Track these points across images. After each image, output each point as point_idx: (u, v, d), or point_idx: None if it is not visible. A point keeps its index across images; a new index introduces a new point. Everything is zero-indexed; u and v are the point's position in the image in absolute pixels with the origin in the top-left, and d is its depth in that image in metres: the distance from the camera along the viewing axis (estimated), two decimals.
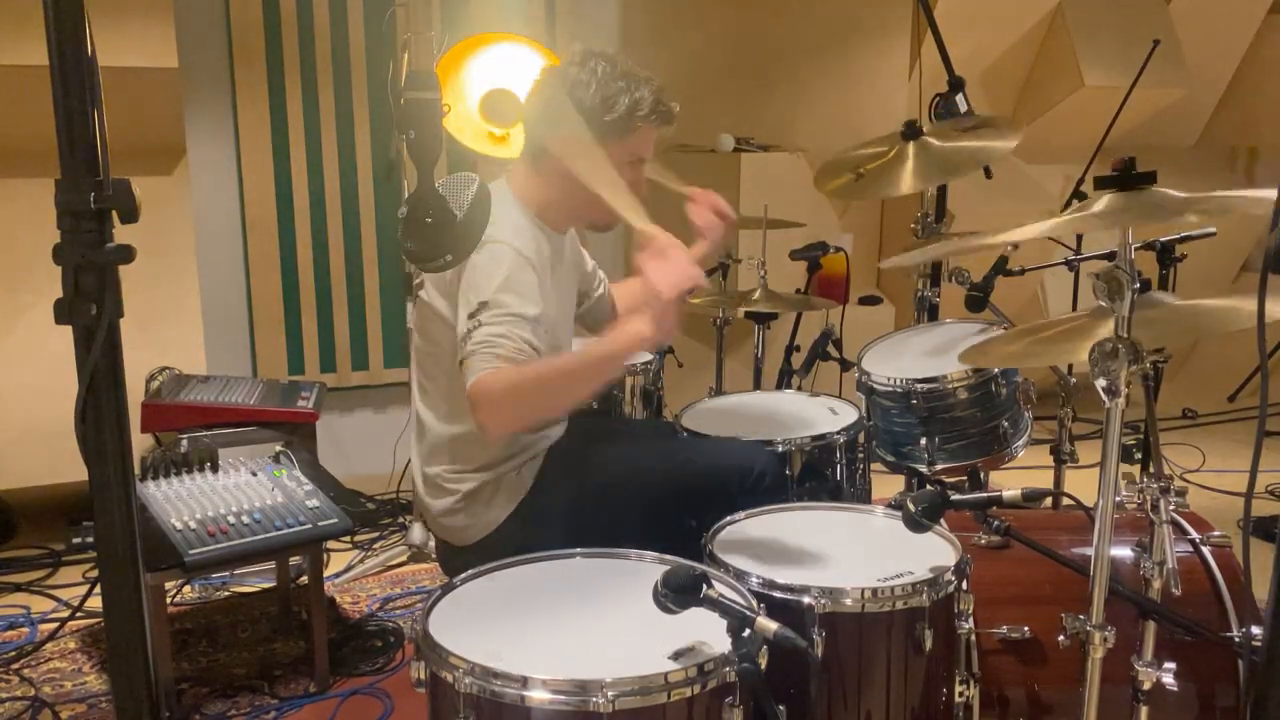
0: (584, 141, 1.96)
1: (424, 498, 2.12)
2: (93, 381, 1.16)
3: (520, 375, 1.83)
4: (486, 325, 1.84)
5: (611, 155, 2.00)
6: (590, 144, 1.96)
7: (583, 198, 1.98)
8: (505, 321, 1.85)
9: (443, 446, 2.07)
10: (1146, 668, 1.55)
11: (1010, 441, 2.52)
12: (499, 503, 2.05)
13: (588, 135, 1.97)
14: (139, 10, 3.09)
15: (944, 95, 2.94)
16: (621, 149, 2.02)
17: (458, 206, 1.43)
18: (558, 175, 2.01)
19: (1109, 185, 1.47)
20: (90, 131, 1.13)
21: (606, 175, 1.90)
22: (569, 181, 1.98)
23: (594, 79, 1.98)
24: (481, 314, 1.85)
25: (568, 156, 1.95)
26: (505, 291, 1.87)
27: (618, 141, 2.01)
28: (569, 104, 1.98)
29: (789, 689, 1.55)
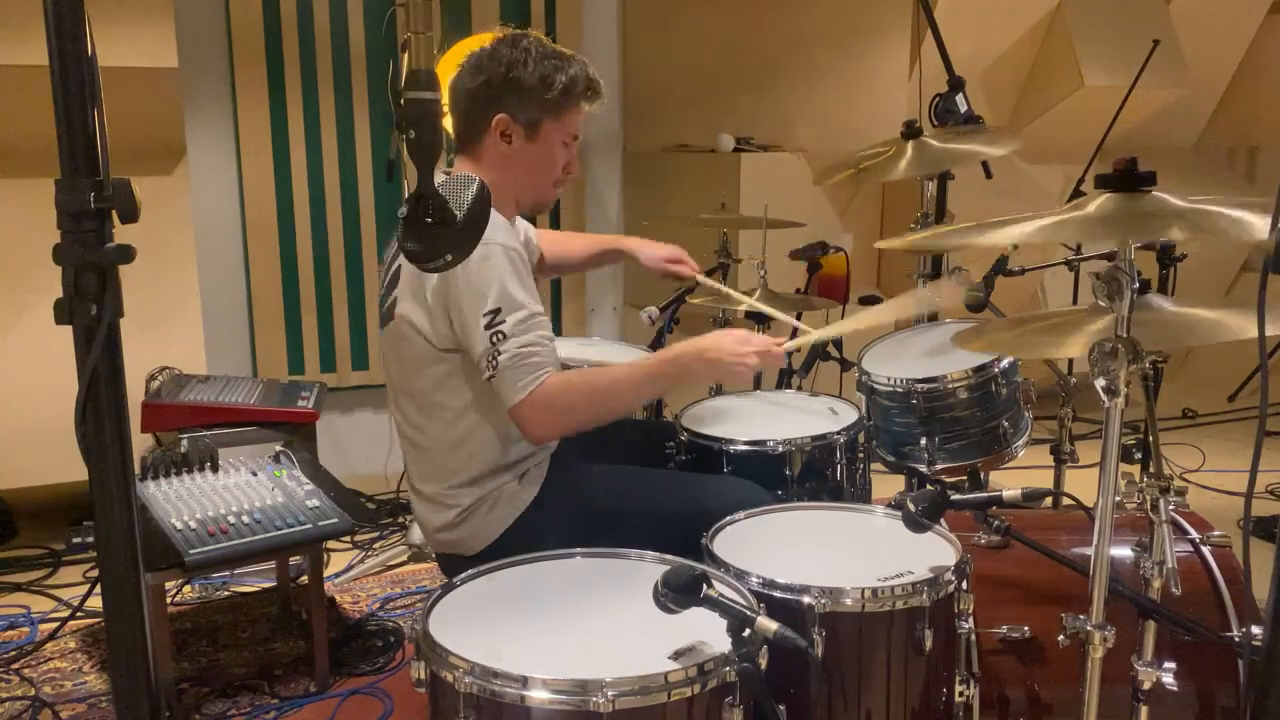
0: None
1: (422, 515, 2.10)
2: (93, 381, 1.16)
3: (573, 384, 1.93)
4: (514, 336, 1.87)
5: (549, 133, 2.03)
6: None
7: (528, 176, 2.04)
8: (530, 327, 1.89)
9: (437, 461, 2.04)
10: (1146, 668, 1.55)
11: (1010, 441, 2.52)
12: (498, 516, 2.03)
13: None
14: (139, 10, 3.09)
15: (944, 95, 2.94)
16: (558, 126, 2.04)
17: (458, 206, 1.43)
18: (502, 156, 2.02)
19: (1109, 184, 1.46)
20: (90, 131, 1.13)
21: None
22: (514, 159, 2.02)
23: (529, 57, 1.99)
24: (501, 324, 1.86)
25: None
26: (512, 292, 1.89)
27: (555, 118, 2.03)
28: (508, 84, 1.99)
29: (789, 689, 1.55)
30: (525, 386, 1.87)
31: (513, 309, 1.88)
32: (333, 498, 2.49)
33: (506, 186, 2.03)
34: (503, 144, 2.02)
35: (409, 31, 1.33)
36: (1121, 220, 1.42)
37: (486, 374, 1.89)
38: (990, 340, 1.90)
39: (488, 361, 1.88)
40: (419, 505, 2.11)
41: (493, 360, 1.87)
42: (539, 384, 1.88)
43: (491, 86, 2.01)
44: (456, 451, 2.02)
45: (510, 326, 1.87)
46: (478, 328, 1.87)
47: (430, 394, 2.01)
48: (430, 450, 2.05)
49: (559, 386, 1.91)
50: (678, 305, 3.11)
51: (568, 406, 1.92)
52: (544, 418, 1.90)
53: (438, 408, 2.01)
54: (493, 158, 2.04)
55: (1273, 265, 1.05)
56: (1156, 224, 1.42)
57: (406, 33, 1.37)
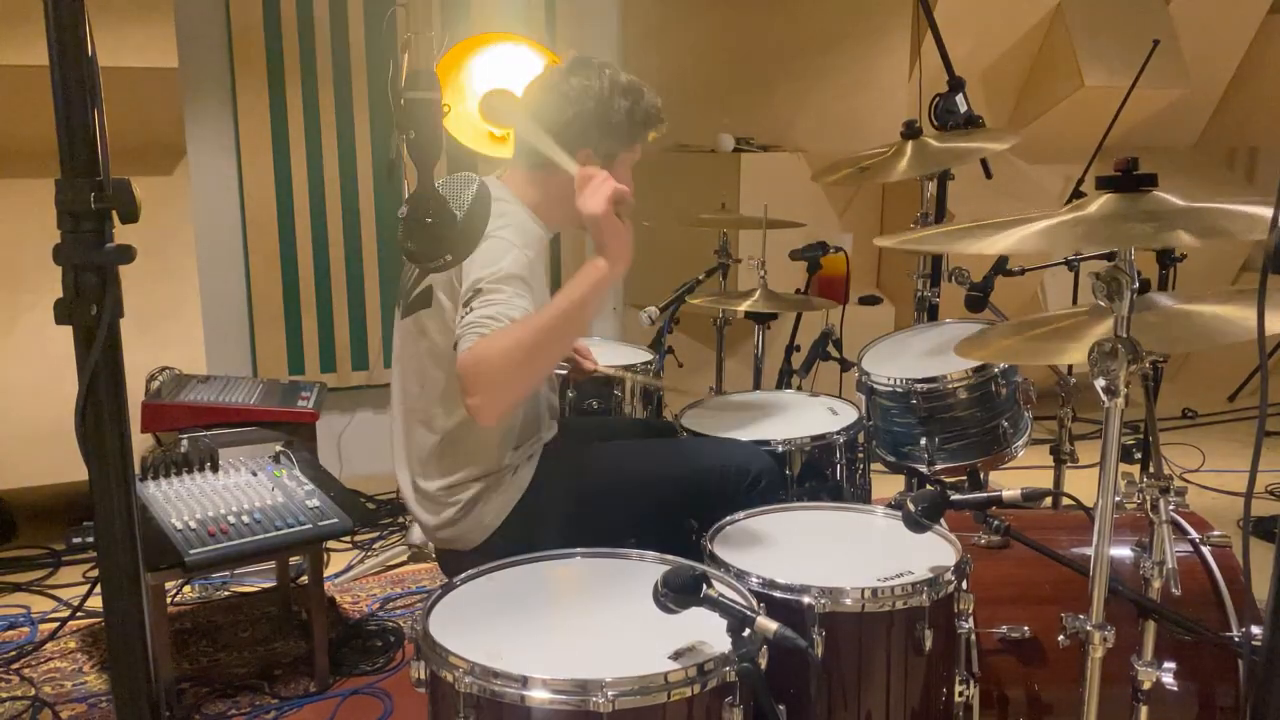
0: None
1: (420, 513, 2.10)
2: (93, 381, 1.16)
3: (500, 341, 1.76)
4: (478, 309, 1.79)
5: (623, 161, 2.06)
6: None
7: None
8: (496, 303, 1.80)
9: (438, 453, 2.04)
10: (1146, 668, 1.55)
11: (1010, 441, 2.52)
12: (495, 507, 2.04)
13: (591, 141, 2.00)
14: (139, 10, 3.09)
15: (944, 95, 2.94)
16: (631, 155, 2.08)
17: (458, 206, 1.43)
18: (570, 185, 1.95)
19: (1109, 185, 1.46)
20: (90, 131, 1.13)
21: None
22: (569, 183, 1.98)
23: (614, 90, 2.01)
24: (475, 300, 1.81)
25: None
26: (500, 282, 1.85)
27: (629, 149, 2.06)
28: (598, 119, 2.01)
29: (789, 689, 1.55)
30: (460, 350, 1.75)
31: (493, 292, 1.80)
32: (333, 498, 2.48)
33: (565, 207, 1.96)
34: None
35: (409, 31, 1.33)
36: (1121, 220, 1.42)
37: (455, 340, 1.80)
38: (994, 350, 1.90)
39: (458, 328, 1.79)
40: (418, 505, 2.10)
41: (459, 329, 1.78)
42: (468, 348, 1.74)
43: (583, 118, 2.01)
44: (466, 444, 2.02)
45: (480, 301, 1.78)
46: (462, 299, 1.82)
47: (448, 382, 1.99)
48: (440, 442, 2.04)
49: (487, 342, 1.74)
50: (678, 305, 3.11)
51: (500, 364, 1.74)
52: (473, 382, 1.73)
53: (456, 398, 1.99)
54: (565, 185, 1.94)
55: (1273, 265, 1.05)
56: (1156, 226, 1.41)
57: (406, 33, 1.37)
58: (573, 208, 2.00)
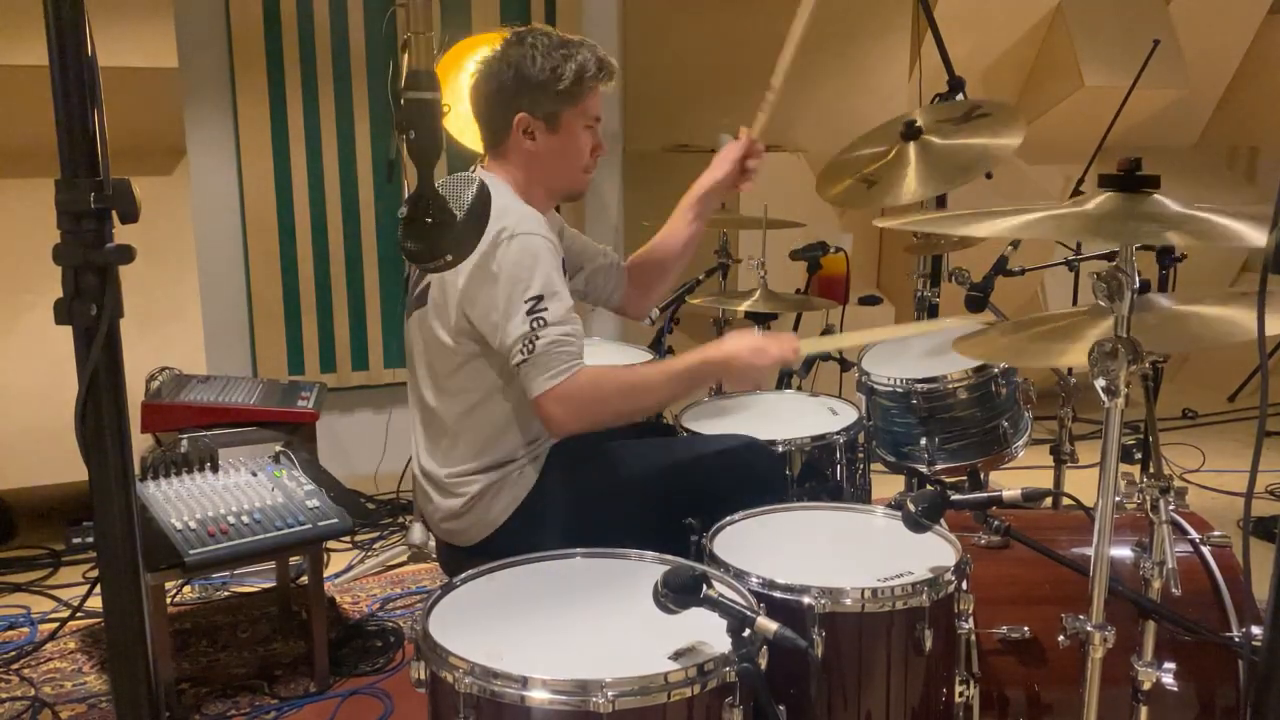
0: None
1: (430, 499, 2.11)
2: (93, 381, 1.16)
3: (604, 380, 1.95)
4: (553, 325, 1.89)
5: (573, 121, 2.06)
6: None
7: (557, 168, 2.08)
8: (569, 319, 1.92)
9: (445, 441, 2.06)
10: (1146, 668, 1.55)
11: (1010, 441, 2.52)
12: (502, 503, 2.05)
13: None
14: (139, 10, 3.09)
15: (944, 95, 2.95)
16: (577, 113, 2.07)
17: (458, 206, 1.43)
18: (529, 154, 2.06)
19: (1112, 184, 1.46)
20: (90, 131, 1.13)
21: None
22: (541, 155, 2.05)
23: (536, 52, 2.02)
24: (544, 310, 1.89)
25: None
26: (551, 281, 1.92)
27: (573, 106, 2.06)
28: (520, 82, 2.02)
29: (789, 689, 1.55)
30: (556, 375, 1.89)
31: (554, 298, 1.91)
32: (333, 498, 2.49)
33: (538, 181, 2.09)
34: (527, 141, 2.05)
35: (409, 31, 1.33)
36: (1120, 219, 1.42)
37: (518, 358, 1.89)
38: (992, 348, 1.90)
39: (524, 345, 1.88)
40: (428, 490, 2.11)
41: (529, 345, 1.88)
42: (570, 375, 1.90)
43: (505, 88, 2.04)
44: (474, 435, 2.03)
45: (553, 314, 1.89)
46: (518, 314, 1.88)
47: (454, 376, 2.02)
48: (448, 432, 2.05)
49: (591, 380, 1.93)
50: (678, 305, 3.11)
51: (594, 400, 1.94)
52: (571, 409, 1.91)
53: (461, 391, 2.03)
54: (520, 156, 2.07)
55: (1273, 266, 1.04)
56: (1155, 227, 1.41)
57: (406, 33, 1.37)
58: (542, 175, 2.09)
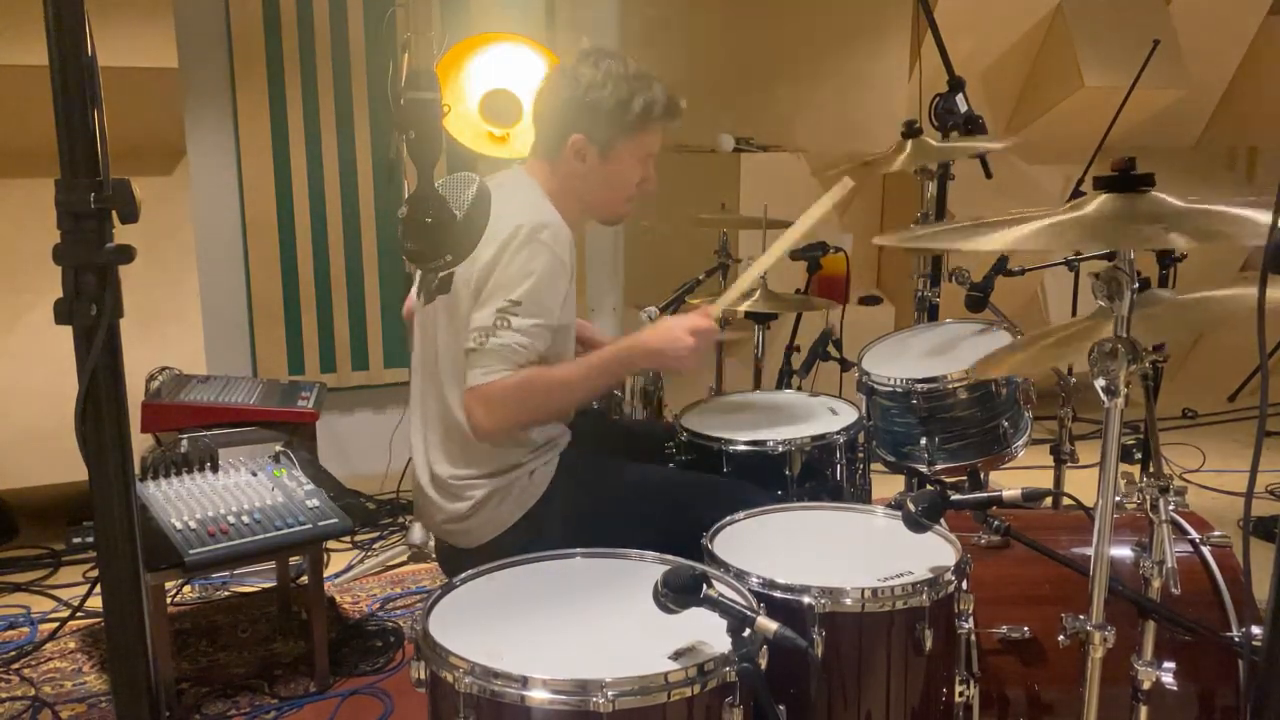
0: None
1: (434, 500, 2.09)
2: (93, 381, 1.16)
3: (524, 382, 1.91)
4: (515, 330, 1.89)
5: (627, 153, 2.08)
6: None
7: (600, 193, 2.11)
8: (531, 332, 1.91)
9: (451, 443, 2.05)
10: (1146, 668, 1.55)
11: (1010, 441, 2.52)
12: (508, 508, 2.04)
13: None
14: (139, 10, 3.09)
15: (944, 95, 2.94)
16: (637, 147, 2.09)
17: (458, 206, 1.43)
18: (577, 174, 2.08)
19: (1107, 185, 1.46)
20: (90, 131, 1.13)
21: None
22: (587, 177, 2.08)
23: (609, 79, 2.04)
24: (512, 314, 1.89)
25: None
26: (537, 295, 1.91)
27: (632, 140, 2.08)
28: (586, 106, 2.04)
29: (789, 689, 1.55)
30: (489, 373, 1.88)
31: (531, 313, 1.91)
32: (333, 498, 2.49)
33: (576, 199, 2.11)
34: (577, 162, 2.08)
35: (409, 31, 1.33)
36: (1120, 221, 1.42)
37: (470, 344, 1.90)
38: (1011, 363, 1.92)
39: (479, 335, 1.89)
40: (431, 491, 2.09)
41: (483, 337, 1.89)
42: (498, 377, 1.88)
43: (570, 107, 2.05)
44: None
45: (519, 323, 1.89)
46: (491, 306, 1.90)
47: (457, 373, 2.01)
48: (458, 431, 2.03)
49: (516, 383, 1.91)
50: (678, 305, 3.11)
51: (518, 403, 1.92)
52: (492, 409, 1.90)
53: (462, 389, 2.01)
54: (567, 172, 2.09)
55: (1272, 265, 1.04)
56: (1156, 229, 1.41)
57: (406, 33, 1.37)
58: (582, 194, 2.12)
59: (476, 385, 1.89)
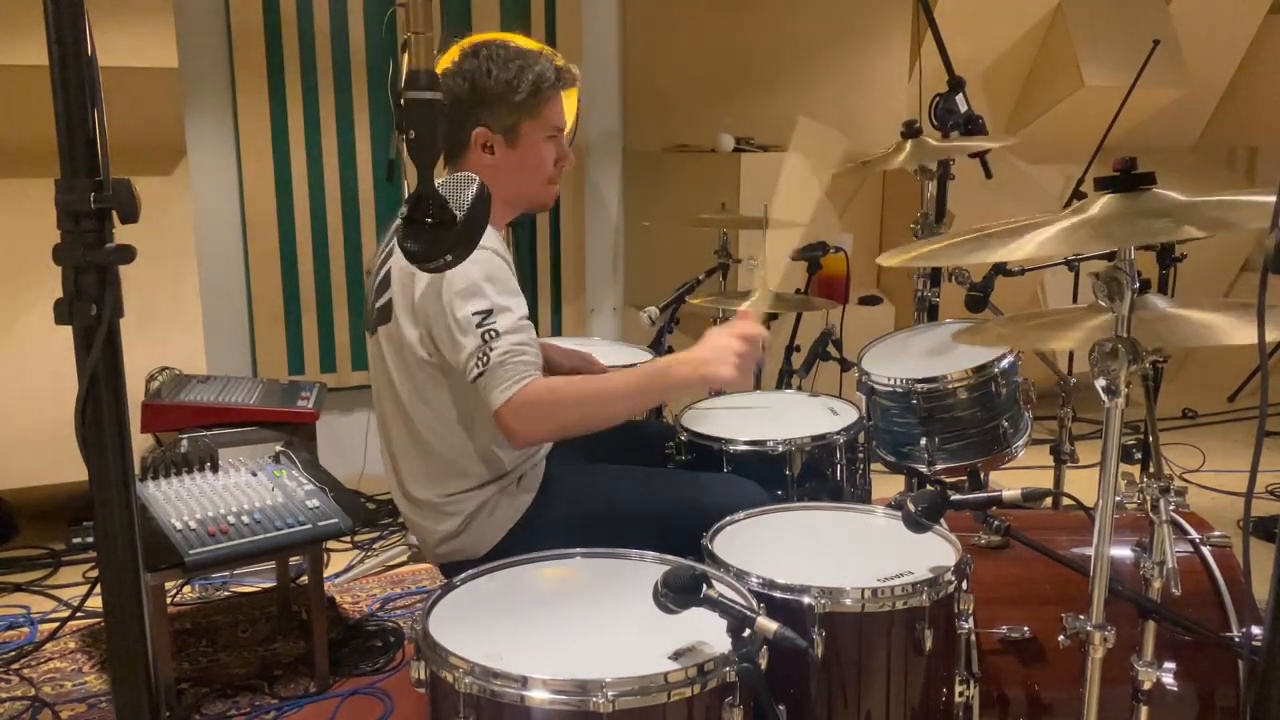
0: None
1: (421, 524, 2.06)
2: (93, 381, 1.16)
3: (560, 390, 1.90)
4: (504, 335, 1.85)
5: (533, 133, 2.03)
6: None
7: (517, 181, 2.04)
8: (520, 329, 1.88)
9: (437, 464, 2.02)
10: (1146, 668, 1.55)
11: (1010, 441, 2.52)
12: (498, 519, 2.02)
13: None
14: (139, 10, 3.09)
15: (944, 95, 2.94)
16: (537, 125, 2.03)
17: (458, 206, 1.43)
18: (488, 168, 1.99)
19: (1108, 186, 1.46)
20: (90, 131, 1.13)
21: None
22: (500, 168, 2.01)
23: (491, 64, 1.99)
24: (494, 323, 1.85)
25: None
26: (501, 294, 1.88)
27: (533, 118, 2.02)
28: (476, 94, 1.99)
29: (789, 689, 1.55)
30: (510, 387, 1.84)
31: (504, 310, 1.87)
32: (333, 498, 2.49)
33: (499, 194, 2.01)
34: (485, 156, 2.02)
35: (409, 31, 1.33)
36: (1123, 221, 1.42)
37: (474, 372, 1.85)
38: (992, 335, 1.90)
39: (478, 359, 1.84)
40: (416, 516, 2.07)
41: (483, 358, 1.84)
42: (524, 385, 1.84)
43: (461, 102, 2.00)
44: (457, 454, 2.01)
45: (503, 324, 1.86)
46: (470, 327, 1.85)
47: (429, 394, 1.99)
48: (431, 451, 2.02)
49: (546, 390, 1.88)
50: (677, 305, 3.11)
51: (552, 410, 1.88)
52: (528, 420, 1.86)
53: (439, 407, 1.99)
54: (479, 170, 1.98)
55: (1272, 265, 1.04)
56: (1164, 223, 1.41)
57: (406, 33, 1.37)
58: (500, 187, 2.00)
59: (505, 402, 1.84)
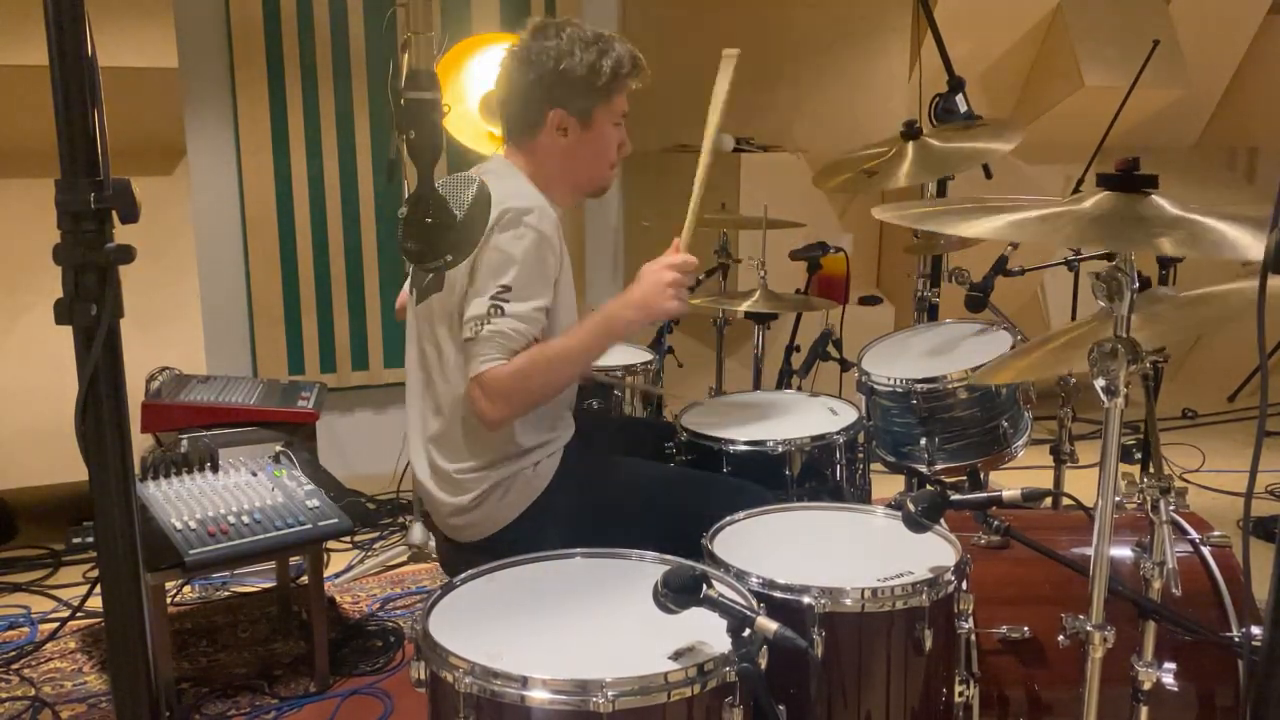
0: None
1: (435, 493, 2.08)
2: (93, 381, 1.16)
3: (523, 365, 1.90)
4: (509, 316, 1.88)
5: (604, 117, 2.06)
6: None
7: (587, 164, 2.08)
8: (526, 317, 1.90)
9: (450, 435, 2.04)
10: (1146, 668, 1.55)
11: (1010, 441, 2.52)
12: (511, 501, 2.04)
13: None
14: (139, 10, 3.09)
15: (944, 95, 2.95)
16: (612, 110, 2.07)
17: (458, 206, 1.43)
18: (561, 150, 2.06)
19: (1110, 183, 1.46)
20: (90, 131, 1.13)
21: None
22: (573, 151, 2.05)
23: (575, 46, 2.01)
24: (504, 300, 1.88)
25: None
26: (527, 277, 1.91)
27: (607, 104, 2.06)
28: (559, 77, 2.01)
29: (789, 689, 1.55)
30: (488, 360, 1.87)
31: (523, 297, 1.90)
32: (333, 498, 2.49)
33: (566, 176, 2.09)
34: (560, 137, 2.05)
35: (409, 31, 1.33)
36: (1118, 220, 1.42)
37: (468, 333, 1.89)
38: (1014, 370, 1.91)
39: (475, 324, 1.88)
40: (434, 485, 2.08)
41: (479, 325, 1.88)
42: (499, 362, 1.87)
43: (544, 82, 2.02)
44: (475, 428, 2.01)
45: (513, 308, 1.89)
46: (485, 294, 1.89)
47: (459, 367, 2.00)
48: (456, 424, 2.03)
49: (515, 365, 1.90)
50: None
51: (521, 385, 1.91)
52: (495, 394, 1.89)
53: (461, 381, 2.00)
54: (549, 150, 2.07)
55: (1272, 265, 1.05)
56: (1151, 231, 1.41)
57: (406, 33, 1.37)
58: (570, 169, 2.08)
59: (477, 374, 1.89)
